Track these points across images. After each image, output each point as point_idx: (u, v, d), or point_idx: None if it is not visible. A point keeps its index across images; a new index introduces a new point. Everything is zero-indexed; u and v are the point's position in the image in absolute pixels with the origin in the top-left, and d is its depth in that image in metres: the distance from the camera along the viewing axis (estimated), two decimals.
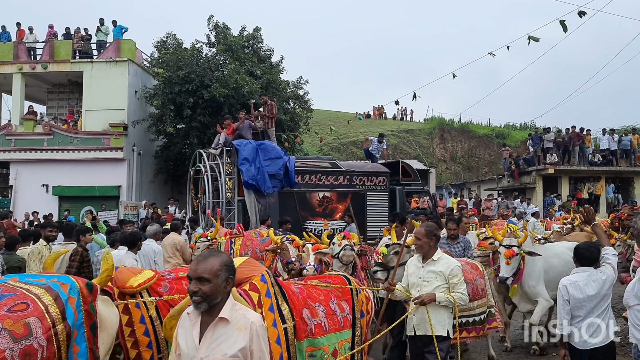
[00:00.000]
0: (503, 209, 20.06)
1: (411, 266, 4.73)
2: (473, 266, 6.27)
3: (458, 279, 4.49)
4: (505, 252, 6.25)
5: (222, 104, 17.81)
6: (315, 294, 4.21)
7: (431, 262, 4.57)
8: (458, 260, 6.20)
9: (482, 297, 6.02)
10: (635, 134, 24.94)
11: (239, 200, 13.38)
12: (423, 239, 4.52)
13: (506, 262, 6.25)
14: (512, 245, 6.31)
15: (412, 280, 4.62)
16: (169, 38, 19.87)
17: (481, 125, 38.25)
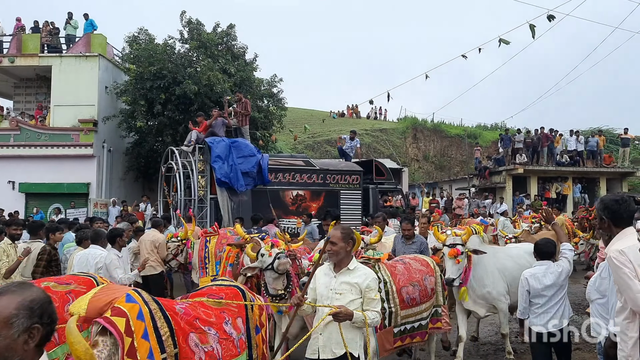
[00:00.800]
0: (474, 208, 20.39)
1: (321, 275, 3.99)
2: (423, 263, 5.93)
3: (375, 294, 3.84)
4: (449, 251, 5.89)
5: (194, 101, 17.64)
6: (205, 314, 3.49)
7: (346, 271, 3.86)
8: (409, 256, 6.16)
9: (431, 298, 5.71)
10: (601, 135, 25.62)
11: (211, 198, 13.29)
12: (339, 244, 3.82)
13: (454, 262, 5.86)
14: (456, 244, 5.94)
15: (322, 292, 3.87)
16: (140, 33, 19.56)
17: (453, 125, 38.69)
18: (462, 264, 5.86)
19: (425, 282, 5.60)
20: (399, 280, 5.31)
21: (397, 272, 5.40)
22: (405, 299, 5.27)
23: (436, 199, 22.16)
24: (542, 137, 23.76)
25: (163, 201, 15.02)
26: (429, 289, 5.63)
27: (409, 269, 5.56)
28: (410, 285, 5.37)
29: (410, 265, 5.66)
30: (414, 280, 5.39)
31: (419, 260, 5.92)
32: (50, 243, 7.25)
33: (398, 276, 5.34)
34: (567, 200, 23.56)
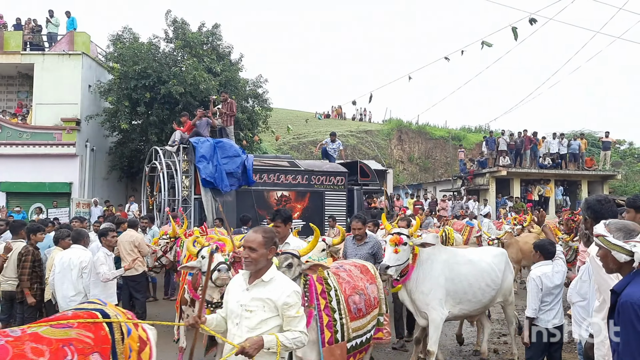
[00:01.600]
0: (458, 209, 20.57)
1: (233, 286, 3.39)
2: (363, 269, 5.37)
3: (295, 310, 3.16)
4: (390, 238, 5.55)
5: (179, 101, 17.54)
6: (32, 351, 2.38)
7: (260, 283, 3.20)
8: (347, 262, 5.64)
9: (375, 308, 5.19)
10: (583, 138, 25.99)
11: (195, 198, 13.21)
12: (259, 250, 3.17)
13: (393, 250, 5.48)
14: (401, 234, 5.57)
15: (232, 308, 3.26)
16: (125, 32, 19.40)
17: (438, 127, 38.94)
18: (402, 255, 5.49)
19: (368, 290, 5.10)
20: (345, 289, 4.78)
21: (342, 279, 4.86)
22: (353, 310, 4.74)
23: (420, 201, 22.29)
24: (525, 139, 24.03)
25: (145, 201, 14.91)
26: (372, 298, 5.14)
27: (351, 276, 5.03)
28: (357, 294, 4.87)
29: (351, 272, 5.12)
30: (359, 289, 4.92)
31: (359, 267, 5.37)
32: (32, 243, 7.16)
33: (344, 284, 4.80)
34: (549, 203, 23.85)
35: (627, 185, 28.24)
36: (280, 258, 3.81)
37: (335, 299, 4.52)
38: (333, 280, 4.67)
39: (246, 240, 3.26)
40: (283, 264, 3.81)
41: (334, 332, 4.41)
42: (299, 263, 3.95)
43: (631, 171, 31.31)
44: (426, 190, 27.82)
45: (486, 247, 7.77)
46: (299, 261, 3.95)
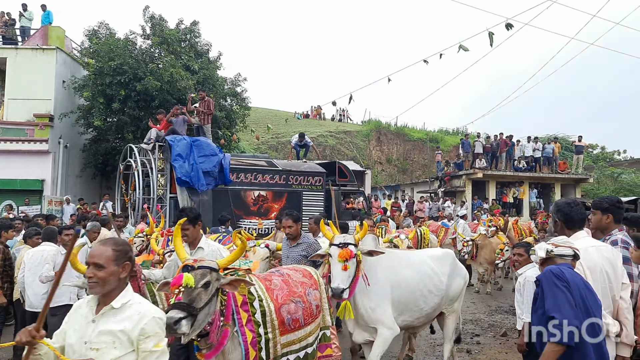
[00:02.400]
0: (435, 210, 20.74)
1: (74, 316, 2.64)
2: (305, 273, 4.69)
3: (155, 342, 2.51)
4: (339, 252, 4.59)
5: (156, 98, 17.33)
6: None
7: (109, 312, 2.54)
8: (287, 266, 4.96)
9: (316, 318, 4.50)
10: (556, 142, 26.45)
11: (171, 197, 13.06)
12: (109, 267, 2.55)
13: (342, 267, 4.55)
14: (348, 244, 4.66)
15: (72, 342, 2.53)
16: (101, 27, 19.11)
17: (416, 129, 39.24)
18: (352, 270, 4.64)
19: (309, 297, 4.42)
20: (277, 297, 4.10)
21: (274, 286, 4.18)
22: (287, 321, 4.05)
23: (398, 202, 22.41)
24: (501, 142, 24.35)
25: (120, 199, 14.70)
26: (313, 306, 4.45)
27: (288, 282, 4.36)
28: (292, 302, 4.19)
29: (289, 277, 4.46)
30: (295, 296, 4.24)
31: (300, 271, 4.69)
32: (2, 241, 7.00)
33: (275, 292, 4.13)
34: (524, 205, 24.21)
35: (598, 189, 28.82)
36: (195, 275, 3.17)
37: (259, 311, 3.82)
38: (259, 288, 3.96)
39: (91, 255, 2.59)
40: (199, 283, 3.17)
41: (258, 350, 3.74)
42: (217, 277, 3.34)
43: (603, 175, 31.97)
44: (404, 192, 28.00)
45: (430, 249, 7.00)
46: (218, 275, 3.35)
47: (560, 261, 3.17)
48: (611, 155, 40.70)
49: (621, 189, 29.52)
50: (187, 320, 3.01)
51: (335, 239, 4.78)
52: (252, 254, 5.58)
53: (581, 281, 3.06)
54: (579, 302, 2.93)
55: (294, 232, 5.69)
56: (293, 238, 5.75)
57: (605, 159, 38.49)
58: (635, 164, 36.05)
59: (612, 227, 3.96)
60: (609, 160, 38.66)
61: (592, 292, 3.07)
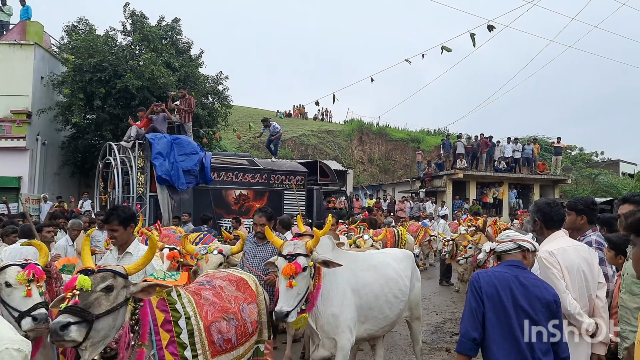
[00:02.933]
0: (417, 210, 20.87)
1: None
2: (241, 284, 4.11)
3: None
4: (283, 267, 3.93)
5: (136, 96, 17.14)
6: None
7: None
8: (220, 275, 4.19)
9: (252, 336, 3.98)
10: (536, 143, 26.78)
11: (151, 195, 12.94)
12: None
13: (287, 284, 3.89)
14: (297, 255, 4.00)
15: None
16: (80, 23, 18.85)
17: (398, 129, 39.41)
18: (302, 285, 3.98)
19: (243, 313, 3.89)
20: (208, 313, 3.54)
21: (204, 301, 3.59)
22: (217, 341, 3.53)
23: (380, 202, 22.49)
24: (482, 143, 24.58)
25: (99, 198, 14.51)
26: (249, 324, 3.93)
27: (220, 295, 3.80)
28: (224, 319, 3.65)
29: (222, 289, 3.90)
30: (228, 312, 3.72)
31: (234, 281, 4.10)
32: None
33: (205, 307, 3.55)
34: (503, 205, 24.47)
35: (576, 190, 29.27)
36: (94, 278, 2.75)
37: (186, 330, 3.25)
38: (188, 304, 3.38)
39: None
40: (98, 286, 2.72)
41: None
42: (125, 284, 2.88)
43: (581, 176, 32.48)
44: (385, 192, 28.10)
45: (390, 249, 6.20)
46: (126, 281, 2.89)
47: (509, 257, 3.13)
48: (589, 157, 41.41)
49: (598, 190, 30.04)
50: (79, 326, 2.55)
51: (284, 247, 4.11)
52: (204, 262, 4.80)
53: (505, 282, 2.94)
54: (497, 305, 2.90)
55: (265, 229, 4.96)
56: (263, 237, 5.24)
57: (583, 161, 39.16)
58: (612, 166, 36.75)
59: (586, 228, 4.02)
60: (587, 161, 39.34)
61: (528, 288, 2.93)
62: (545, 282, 3.03)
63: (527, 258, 3.12)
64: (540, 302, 2.90)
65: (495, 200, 24.36)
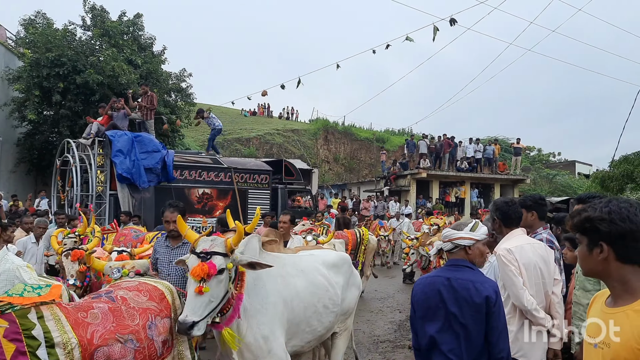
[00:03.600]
0: (381, 209, 21.03)
1: None
2: (154, 294, 3.47)
3: None
4: (194, 267, 3.21)
5: (96, 92, 16.73)
6: None
7: None
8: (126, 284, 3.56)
9: (164, 358, 3.31)
10: (496, 144, 27.37)
11: (111, 194, 12.65)
12: None
13: (196, 289, 3.15)
14: (214, 254, 3.29)
15: None
16: (38, 17, 18.28)
17: (363, 129, 39.67)
18: (216, 291, 3.22)
19: (150, 331, 3.21)
20: (94, 335, 2.80)
21: (92, 319, 2.88)
22: None
23: (345, 202, 22.57)
24: (445, 143, 24.96)
25: (56, 196, 14.10)
26: (158, 344, 3.24)
27: (118, 310, 3.09)
28: (118, 341, 2.92)
29: (125, 302, 3.21)
30: (125, 332, 2.99)
31: (146, 290, 3.45)
32: None
33: (92, 327, 2.83)
34: (465, 204, 24.91)
35: (535, 189, 30.05)
36: None
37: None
38: (55, 327, 2.64)
39: None
40: None
41: None
42: None
43: (539, 176, 33.37)
44: (350, 191, 28.23)
45: (322, 251, 5.06)
46: None
47: (453, 256, 3.03)
48: (547, 158, 42.60)
49: (555, 190, 30.96)
50: None
51: (199, 243, 3.39)
52: None
53: (434, 287, 2.90)
54: (427, 312, 2.89)
55: (178, 230, 4.01)
56: (177, 235, 4.49)
57: (542, 161, 40.25)
58: (568, 166, 37.91)
59: (537, 225, 4.10)
60: (545, 162, 40.46)
61: (457, 292, 2.83)
62: (479, 282, 2.82)
63: (471, 251, 2.96)
64: (469, 305, 2.78)
65: (457, 199, 24.78)
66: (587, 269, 1.93)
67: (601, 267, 1.85)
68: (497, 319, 2.78)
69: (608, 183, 17.14)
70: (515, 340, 3.47)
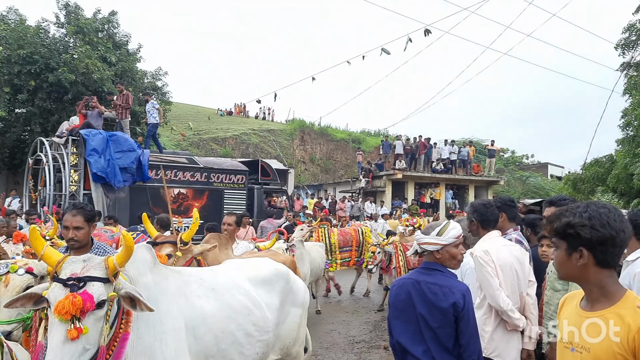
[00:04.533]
0: (357, 210, 21.13)
1: None
2: None
3: None
4: (57, 303, 2.16)
5: (69, 90, 16.46)
6: None
7: None
8: None
9: None
10: (471, 146, 27.74)
11: (84, 194, 12.45)
12: None
13: (66, 334, 2.13)
14: (87, 279, 2.27)
15: None
16: (10, 13, 17.92)
17: (339, 129, 39.76)
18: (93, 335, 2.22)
19: None
20: None
21: None
22: None
23: (321, 202, 22.62)
24: (420, 145, 25.21)
25: (28, 196, 13.82)
26: None
27: None
28: None
29: None
30: None
31: None
32: None
33: None
34: (440, 205, 25.19)
35: (508, 191, 30.54)
36: None
37: None
38: None
39: None
40: None
41: None
42: None
43: (512, 178, 33.93)
44: (326, 191, 28.29)
45: (249, 260, 4.19)
46: None
47: (425, 259, 3.05)
48: (520, 159, 43.33)
49: (528, 191, 31.51)
50: None
51: (63, 266, 2.32)
52: (2, 286, 3.07)
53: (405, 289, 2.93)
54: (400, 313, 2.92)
55: (81, 237, 3.41)
56: (77, 249, 3.41)
57: (515, 163, 40.92)
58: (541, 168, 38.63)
59: (508, 226, 4.15)
60: (518, 164, 41.15)
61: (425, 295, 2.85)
62: (448, 287, 2.82)
63: (440, 255, 2.93)
64: (437, 309, 2.78)
65: (432, 200, 25.04)
66: (564, 273, 1.92)
67: (579, 272, 1.84)
68: (467, 323, 2.77)
69: (580, 185, 17.49)
70: (490, 340, 3.54)
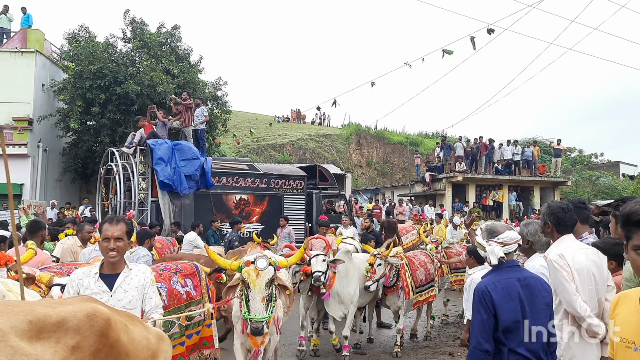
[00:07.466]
0: (415, 213, 20.85)
1: None
2: None
3: None
4: None
5: (135, 102, 17.21)
6: None
7: None
8: None
9: None
10: (535, 146, 26.80)
11: (152, 201, 12.97)
12: None
13: None
14: None
15: None
16: (81, 30, 18.96)
17: (396, 132, 39.44)
18: None
19: None
20: None
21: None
22: None
23: (379, 205, 22.50)
24: (481, 146, 24.62)
25: (101, 204, 14.54)
26: None
27: None
28: None
29: None
30: None
31: None
32: None
33: None
34: (503, 208, 24.48)
35: (576, 192, 29.28)
36: None
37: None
38: None
39: None
40: None
41: None
42: None
43: (581, 178, 32.47)
44: (384, 195, 28.11)
45: None
46: None
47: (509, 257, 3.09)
48: (588, 159, 41.42)
49: (599, 192, 30.01)
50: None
51: None
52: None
53: (513, 289, 2.95)
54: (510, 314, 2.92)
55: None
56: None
57: (583, 162, 39.15)
58: (612, 168, 36.74)
59: (581, 230, 4.00)
60: (586, 163, 39.33)
61: (531, 290, 2.94)
62: (540, 278, 3.01)
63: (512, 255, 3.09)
64: (543, 301, 2.93)
65: (494, 203, 24.37)
66: None
67: None
68: None
69: None
70: (567, 348, 3.41)
